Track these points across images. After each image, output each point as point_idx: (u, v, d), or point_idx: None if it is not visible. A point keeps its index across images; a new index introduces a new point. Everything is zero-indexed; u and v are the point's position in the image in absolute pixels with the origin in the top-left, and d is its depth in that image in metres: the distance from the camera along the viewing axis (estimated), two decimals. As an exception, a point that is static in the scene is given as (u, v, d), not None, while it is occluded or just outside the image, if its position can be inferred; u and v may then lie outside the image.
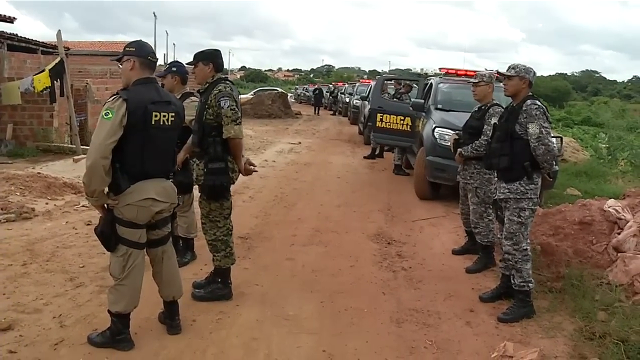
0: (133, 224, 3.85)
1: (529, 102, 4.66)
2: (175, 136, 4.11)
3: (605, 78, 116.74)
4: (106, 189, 3.79)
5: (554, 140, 4.73)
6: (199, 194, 4.91)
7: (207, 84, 4.79)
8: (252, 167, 5.01)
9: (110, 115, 3.65)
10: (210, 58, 4.80)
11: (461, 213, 6.57)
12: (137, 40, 4.05)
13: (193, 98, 5.57)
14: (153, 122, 3.80)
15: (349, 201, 9.34)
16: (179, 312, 4.36)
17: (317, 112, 35.93)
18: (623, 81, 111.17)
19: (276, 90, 39.04)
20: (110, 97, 3.78)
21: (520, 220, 4.74)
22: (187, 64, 5.54)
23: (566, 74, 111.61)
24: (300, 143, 18.07)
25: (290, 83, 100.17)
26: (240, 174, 4.95)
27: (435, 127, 9.15)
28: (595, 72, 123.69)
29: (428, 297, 5.26)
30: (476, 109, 6.27)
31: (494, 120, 5.70)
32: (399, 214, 8.54)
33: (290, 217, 8.12)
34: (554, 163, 4.75)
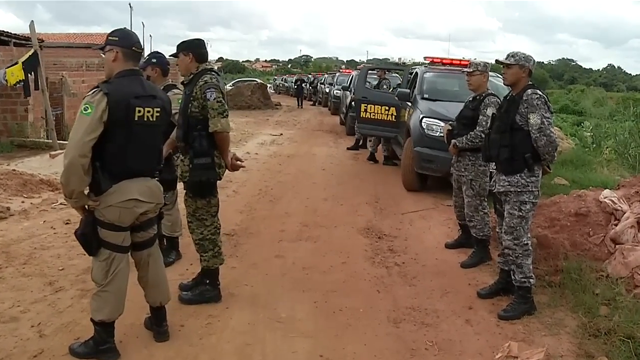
0: (116, 227, 3.61)
1: (529, 91, 4.48)
2: (161, 132, 3.87)
3: (581, 66, 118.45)
4: (86, 189, 3.54)
5: (555, 130, 4.55)
6: (185, 192, 4.68)
7: (192, 75, 4.55)
8: (239, 162, 4.79)
9: (89, 111, 3.39)
10: (191, 48, 4.57)
11: (455, 206, 6.40)
12: (121, 29, 3.79)
13: (176, 90, 5.32)
14: (136, 118, 3.55)
15: (335, 194, 9.14)
16: (167, 318, 4.13)
17: (300, 104, 34.08)
18: (598, 69, 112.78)
19: (255, 81, 38.59)
20: (90, 90, 3.53)
21: (521, 214, 4.57)
22: (169, 55, 5.30)
23: (543, 62, 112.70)
24: (281, 134, 17.83)
25: (269, 74, 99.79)
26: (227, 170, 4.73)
27: (423, 117, 8.96)
28: (572, 60, 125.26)
29: (424, 294, 5.08)
30: (470, 99, 6.08)
31: (489, 110, 5.53)
32: (388, 207, 8.35)
33: (276, 211, 7.90)
34: (556, 155, 4.58)
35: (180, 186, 5.00)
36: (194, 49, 4.58)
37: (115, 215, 3.58)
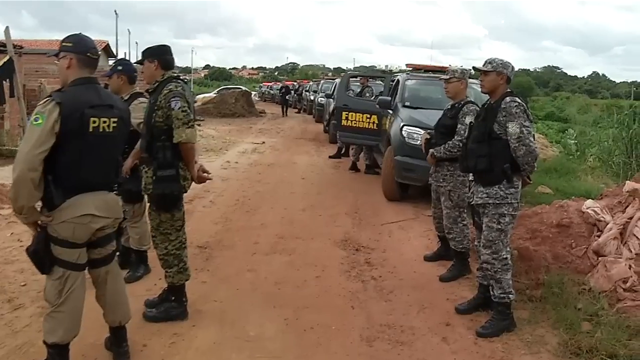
0: (70, 243, 3.37)
1: (508, 99, 4.30)
2: (119, 144, 3.65)
3: (566, 74, 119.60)
4: (39, 204, 3.31)
5: (535, 140, 4.37)
6: (149, 205, 4.46)
7: (157, 83, 4.35)
8: (205, 174, 4.57)
9: (40, 121, 3.17)
10: (156, 54, 4.37)
11: (433, 217, 6.20)
12: (75, 34, 3.56)
13: (142, 99, 5.10)
14: (91, 129, 3.33)
15: (314, 204, 8.93)
16: (127, 338, 3.90)
17: (285, 112, 33.25)
18: (583, 77, 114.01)
19: (240, 88, 38.36)
20: (43, 99, 3.31)
21: (499, 227, 4.38)
22: (135, 62, 5.09)
23: (529, 69, 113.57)
24: (264, 143, 17.59)
25: (255, 81, 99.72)
26: (193, 182, 4.51)
27: (403, 125, 8.78)
28: (557, 67, 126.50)
29: (400, 310, 4.88)
30: (449, 107, 5.90)
31: (468, 118, 5.36)
32: (367, 217, 8.15)
33: (252, 222, 7.66)
34: (536, 165, 4.40)
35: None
36: (160, 55, 4.39)
37: (69, 231, 3.35)
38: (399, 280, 5.60)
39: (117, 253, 3.87)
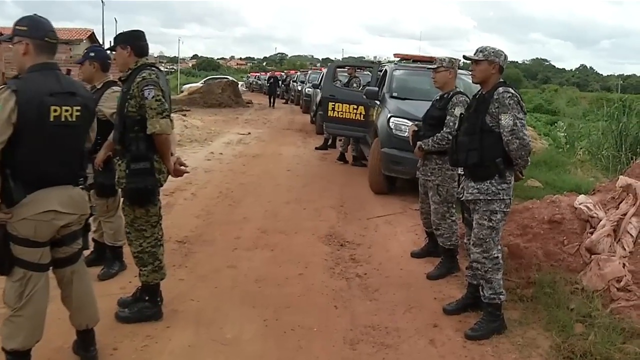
0: (31, 242, 3.14)
1: (500, 89, 4.06)
2: (83, 134, 3.39)
3: (554, 66, 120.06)
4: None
5: (528, 132, 4.14)
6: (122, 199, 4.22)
7: (129, 71, 4.09)
8: (183, 167, 4.33)
9: None
10: (128, 40, 4.13)
11: (421, 212, 5.98)
12: (29, 16, 3.27)
13: (116, 88, 4.84)
14: (52, 118, 3.08)
15: (299, 197, 8.69)
16: (95, 341, 3.66)
17: (272, 103, 32.40)
18: (571, 69, 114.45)
19: (227, 78, 38.00)
20: None
21: (491, 224, 4.15)
22: (107, 48, 4.83)
23: (517, 62, 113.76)
24: (249, 133, 17.31)
25: (243, 71, 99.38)
26: (170, 176, 4.27)
27: (391, 116, 8.54)
28: (545, 60, 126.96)
29: (386, 310, 4.66)
30: (437, 98, 5.67)
31: (457, 110, 5.14)
32: (353, 211, 7.92)
33: (234, 216, 7.42)
34: (529, 159, 4.17)
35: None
36: (133, 41, 4.16)
37: (30, 229, 3.11)
38: (384, 278, 5.38)
39: (84, 251, 3.64)
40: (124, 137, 4.03)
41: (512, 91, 4.07)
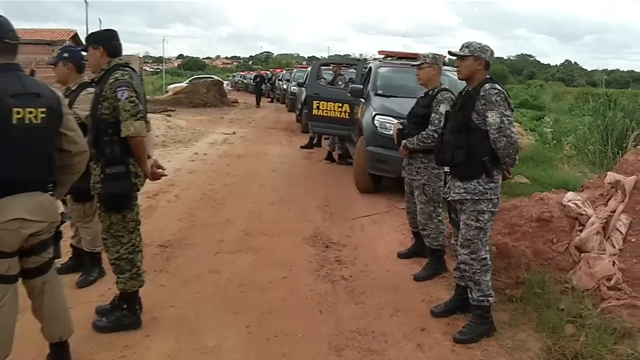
0: None
1: (487, 86, 3.93)
2: (50, 137, 3.23)
3: (539, 62, 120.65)
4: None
5: (516, 130, 4.02)
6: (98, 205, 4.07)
7: (102, 72, 3.95)
8: (160, 170, 4.18)
9: None
10: (101, 40, 4.00)
11: (407, 212, 5.86)
12: None
13: (90, 89, 4.66)
14: (15, 121, 2.92)
15: (283, 197, 8.55)
16: (70, 354, 3.52)
17: (258, 102, 31.47)
18: (556, 65, 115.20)
19: (212, 78, 37.77)
20: None
21: (478, 225, 4.03)
22: (79, 49, 4.68)
23: (502, 57, 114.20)
24: (234, 133, 17.12)
25: (229, 70, 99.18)
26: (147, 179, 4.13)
27: (375, 114, 8.41)
28: (530, 56, 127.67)
29: (372, 314, 4.54)
30: (422, 95, 5.55)
31: (443, 107, 5.03)
32: (338, 211, 7.79)
33: (218, 218, 7.27)
34: (517, 158, 4.05)
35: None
36: (105, 41, 4.02)
37: (-5, 239, 2.96)
38: (370, 280, 5.26)
39: (57, 260, 3.49)
40: (98, 141, 3.88)
41: (499, 87, 3.94)
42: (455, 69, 4.26)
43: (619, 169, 5.85)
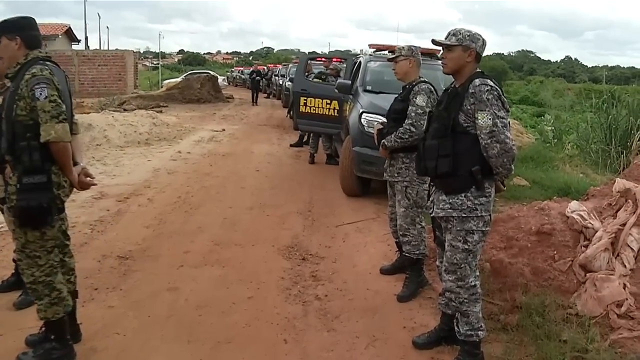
0: None
1: (477, 81, 3.28)
2: None
3: (539, 58, 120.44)
4: None
5: (511, 134, 3.37)
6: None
7: (18, 66, 3.36)
8: (89, 179, 3.58)
9: None
10: (17, 29, 3.41)
11: (390, 219, 5.23)
12: None
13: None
14: None
15: (264, 201, 7.93)
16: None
17: (255, 99, 29.90)
18: (556, 61, 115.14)
19: (207, 73, 37.12)
20: None
21: (466, 247, 3.40)
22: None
23: (503, 53, 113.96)
24: (224, 130, 16.46)
25: (229, 66, 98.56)
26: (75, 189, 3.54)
27: (363, 112, 7.77)
28: (530, 52, 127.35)
29: (345, 344, 3.93)
30: (401, 90, 4.96)
31: (420, 98, 4.47)
32: (321, 217, 7.18)
33: (189, 225, 6.65)
34: (513, 167, 3.41)
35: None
36: (21, 30, 3.43)
37: None
38: (347, 301, 4.65)
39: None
40: (13, 146, 3.29)
41: (491, 84, 3.29)
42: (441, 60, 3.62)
43: (628, 175, 5.26)
